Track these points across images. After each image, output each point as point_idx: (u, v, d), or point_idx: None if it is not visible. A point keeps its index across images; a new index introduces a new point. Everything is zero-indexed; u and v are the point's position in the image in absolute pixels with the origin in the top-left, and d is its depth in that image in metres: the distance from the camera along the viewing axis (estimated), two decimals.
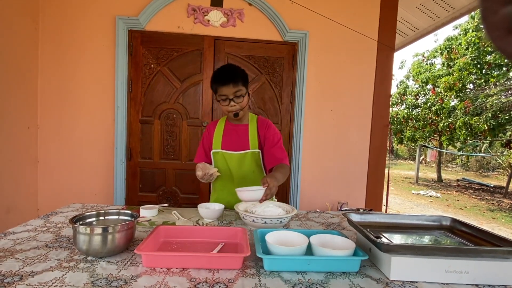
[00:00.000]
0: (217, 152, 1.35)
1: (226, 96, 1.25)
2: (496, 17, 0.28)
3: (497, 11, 0.28)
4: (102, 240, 0.74)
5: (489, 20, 0.29)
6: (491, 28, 0.29)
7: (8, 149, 2.11)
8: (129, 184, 2.48)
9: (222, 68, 1.29)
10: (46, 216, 1.12)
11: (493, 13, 0.28)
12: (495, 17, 0.28)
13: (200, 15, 2.39)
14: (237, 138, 1.36)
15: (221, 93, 1.25)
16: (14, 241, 0.85)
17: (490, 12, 0.28)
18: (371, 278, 0.71)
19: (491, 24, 0.29)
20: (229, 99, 1.25)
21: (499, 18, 0.28)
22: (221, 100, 1.27)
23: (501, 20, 0.28)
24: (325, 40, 2.51)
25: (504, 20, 0.28)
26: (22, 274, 0.66)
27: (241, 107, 1.28)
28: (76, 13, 2.35)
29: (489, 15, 0.29)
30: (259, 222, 1.03)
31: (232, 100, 1.25)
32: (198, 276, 0.68)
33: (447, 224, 0.96)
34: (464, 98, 7.89)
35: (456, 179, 10.28)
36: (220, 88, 1.25)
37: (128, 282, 0.64)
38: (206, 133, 1.42)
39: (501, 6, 0.27)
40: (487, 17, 0.29)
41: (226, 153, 1.34)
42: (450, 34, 8.72)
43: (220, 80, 1.25)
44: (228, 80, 1.23)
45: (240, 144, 1.35)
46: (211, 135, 1.39)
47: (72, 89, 2.39)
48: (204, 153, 1.42)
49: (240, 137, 1.36)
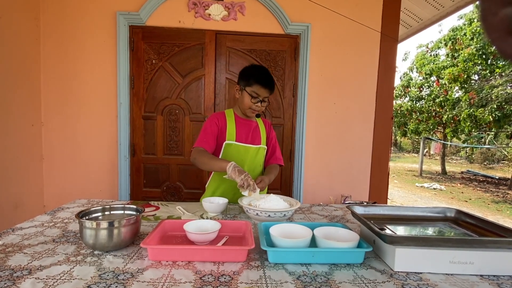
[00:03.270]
0: (231, 144, 1.35)
1: (260, 97, 1.31)
2: (495, 18, 0.28)
3: (496, 12, 0.28)
4: (108, 234, 0.75)
5: (488, 21, 0.28)
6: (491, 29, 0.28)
7: (13, 146, 2.13)
8: (133, 180, 2.50)
9: (263, 70, 1.34)
10: (52, 212, 1.13)
11: (492, 14, 0.28)
12: (494, 18, 0.28)
13: (201, 9, 2.37)
14: (250, 132, 1.41)
15: (257, 92, 1.30)
16: (22, 236, 0.87)
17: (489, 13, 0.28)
18: (375, 270, 0.71)
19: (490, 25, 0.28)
20: (260, 100, 1.32)
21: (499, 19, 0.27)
22: (252, 97, 1.31)
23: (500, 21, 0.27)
24: (327, 32, 2.48)
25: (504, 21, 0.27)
26: (30, 268, 0.67)
27: (261, 110, 1.37)
28: (76, 10, 2.34)
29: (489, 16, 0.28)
30: (263, 215, 1.04)
31: (261, 101, 1.33)
32: (203, 269, 0.69)
33: (451, 215, 0.96)
34: (469, 90, 7.79)
35: (461, 172, 10.22)
36: (259, 88, 1.30)
37: (135, 275, 0.65)
38: (216, 121, 1.36)
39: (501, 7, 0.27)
40: (487, 18, 0.28)
41: (242, 146, 1.36)
42: (455, 25, 8.58)
43: (263, 82, 1.30)
44: (269, 85, 1.31)
45: (254, 138, 1.41)
46: (222, 125, 1.37)
47: (74, 86, 2.39)
48: (213, 140, 1.34)
49: (253, 132, 1.41)
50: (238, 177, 1.11)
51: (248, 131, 1.40)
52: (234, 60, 2.48)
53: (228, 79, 2.49)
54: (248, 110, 1.35)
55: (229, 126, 1.37)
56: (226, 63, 2.47)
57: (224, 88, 2.49)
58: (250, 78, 1.31)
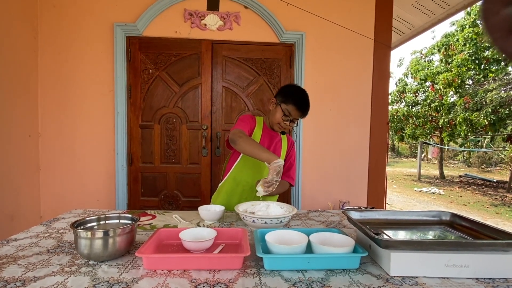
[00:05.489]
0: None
1: (292, 118, 1.33)
2: (497, 18, 0.28)
3: (498, 12, 0.28)
4: (103, 244, 0.75)
5: (490, 21, 0.29)
6: (492, 28, 0.29)
7: (10, 157, 2.13)
8: (130, 189, 2.49)
9: (304, 94, 1.35)
10: (48, 223, 1.13)
11: (494, 14, 0.28)
12: (496, 18, 0.28)
13: (197, 19, 2.41)
14: (273, 144, 1.42)
15: (291, 113, 1.32)
16: (16, 247, 0.86)
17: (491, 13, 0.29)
18: (371, 275, 0.71)
19: (492, 25, 0.29)
20: (290, 120, 1.34)
21: (500, 19, 0.28)
22: (284, 115, 1.32)
23: (502, 21, 0.28)
24: (321, 40, 2.53)
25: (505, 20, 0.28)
26: (24, 280, 0.66)
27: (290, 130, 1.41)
28: (74, 21, 2.37)
29: (490, 16, 0.29)
30: (259, 222, 1.04)
31: (292, 121, 1.34)
32: (199, 277, 0.69)
33: (446, 219, 0.96)
34: (463, 94, 7.88)
35: (459, 175, 10.25)
36: (294, 109, 1.31)
37: (129, 285, 0.65)
38: (251, 121, 1.39)
39: (502, 7, 0.27)
40: (488, 18, 0.29)
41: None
42: (447, 31, 8.74)
43: (299, 104, 1.31)
44: (304, 109, 1.33)
45: (275, 151, 1.42)
46: (252, 128, 1.38)
47: (72, 97, 2.41)
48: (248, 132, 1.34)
49: (276, 145, 1.43)
50: (273, 175, 1.07)
51: (270, 143, 1.42)
52: (230, 69, 2.50)
53: (225, 88, 2.51)
54: (276, 125, 1.36)
55: (256, 131, 1.38)
56: (222, 72, 2.50)
57: (220, 97, 2.51)
58: (289, 97, 1.32)
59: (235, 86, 2.51)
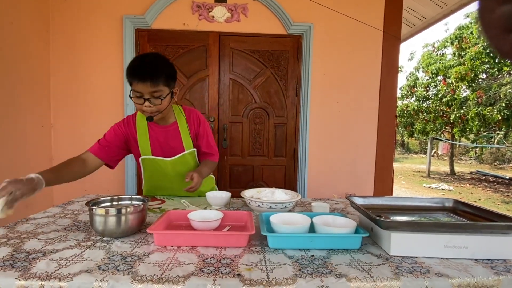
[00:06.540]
0: (147, 159, 1.23)
1: (141, 95, 1.04)
2: (492, 15, 0.28)
3: (493, 9, 0.27)
4: (117, 221, 0.79)
5: (485, 19, 0.28)
6: (488, 27, 0.28)
7: (24, 148, 2.21)
8: (140, 180, 2.55)
9: (142, 58, 1.05)
10: (63, 205, 1.19)
11: (489, 12, 0.28)
12: (491, 16, 0.28)
13: (205, 11, 2.43)
14: (168, 142, 1.21)
15: (135, 89, 1.04)
16: (35, 225, 0.92)
17: (486, 10, 0.28)
18: (372, 254, 0.74)
19: (487, 23, 0.28)
20: (144, 99, 1.04)
21: (496, 17, 0.27)
22: (134, 97, 1.06)
23: (497, 19, 0.27)
24: (329, 32, 2.51)
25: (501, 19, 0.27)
26: (45, 252, 0.71)
27: (158, 110, 1.07)
28: (85, 14, 2.42)
29: (486, 14, 0.28)
30: (264, 207, 1.07)
31: (147, 100, 1.04)
32: (206, 253, 0.72)
33: (449, 205, 0.97)
34: (476, 88, 7.69)
35: (470, 172, 10.05)
36: (135, 84, 1.03)
37: (141, 258, 0.69)
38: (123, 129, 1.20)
39: (498, 5, 0.27)
40: (484, 16, 0.28)
41: (159, 160, 1.23)
42: (461, 23, 8.47)
43: (136, 74, 1.02)
44: (146, 77, 1.01)
45: (174, 148, 1.22)
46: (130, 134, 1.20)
47: (83, 88, 2.47)
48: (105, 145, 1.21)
49: (172, 141, 1.21)
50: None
51: (165, 141, 1.20)
52: (238, 61, 2.52)
53: (232, 80, 2.53)
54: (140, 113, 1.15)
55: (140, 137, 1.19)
56: (229, 64, 2.52)
57: (227, 89, 2.54)
58: (127, 75, 1.05)
59: (242, 78, 2.53)
